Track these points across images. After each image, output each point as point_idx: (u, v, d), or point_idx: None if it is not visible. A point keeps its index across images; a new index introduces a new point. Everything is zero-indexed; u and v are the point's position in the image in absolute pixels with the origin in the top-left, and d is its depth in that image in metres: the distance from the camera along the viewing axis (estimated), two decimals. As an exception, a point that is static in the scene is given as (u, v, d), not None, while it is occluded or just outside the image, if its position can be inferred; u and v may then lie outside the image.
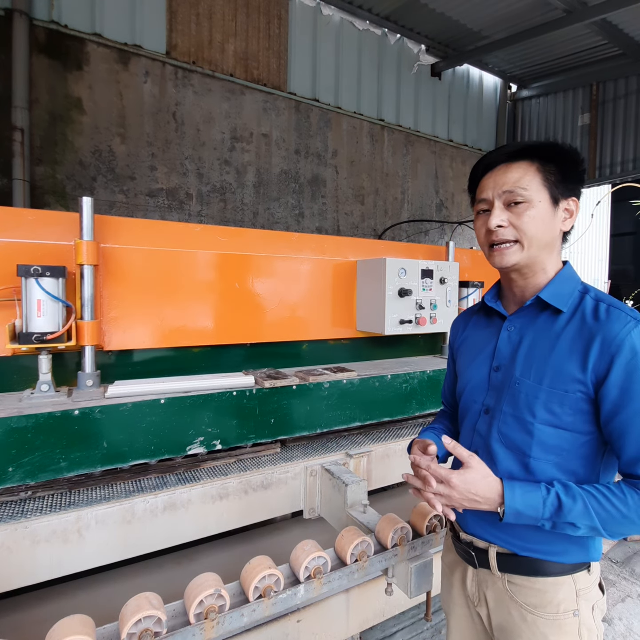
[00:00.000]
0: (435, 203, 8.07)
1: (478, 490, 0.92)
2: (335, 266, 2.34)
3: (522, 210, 0.95)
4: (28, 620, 1.50)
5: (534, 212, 0.95)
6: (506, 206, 0.97)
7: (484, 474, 0.93)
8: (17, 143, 4.44)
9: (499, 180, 0.97)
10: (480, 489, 0.92)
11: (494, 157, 1.00)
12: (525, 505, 0.89)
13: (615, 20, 6.60)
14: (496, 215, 0.97)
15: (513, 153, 0.98)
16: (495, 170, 0.99)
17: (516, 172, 0.96)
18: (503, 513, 0.91)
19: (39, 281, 1.53)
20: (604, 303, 0.96)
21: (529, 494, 0.90)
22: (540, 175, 0.95)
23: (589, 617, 1.00)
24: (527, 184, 0.95)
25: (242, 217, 6.03)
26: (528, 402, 0.97)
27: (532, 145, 0.97)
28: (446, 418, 1.32)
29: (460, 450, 0.94)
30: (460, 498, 0.92)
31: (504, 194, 0.97)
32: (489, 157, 1.01)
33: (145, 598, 1.03)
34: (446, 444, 0.95)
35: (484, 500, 0.92)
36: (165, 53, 5.33)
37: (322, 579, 1.25)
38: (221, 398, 1.70)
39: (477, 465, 0.93)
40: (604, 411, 0.91)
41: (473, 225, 1.08)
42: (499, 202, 0.97)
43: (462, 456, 0.94)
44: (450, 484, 0.92)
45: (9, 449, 1.36)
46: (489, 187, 0.99)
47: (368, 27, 6.93)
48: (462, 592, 1.15)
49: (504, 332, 1.06)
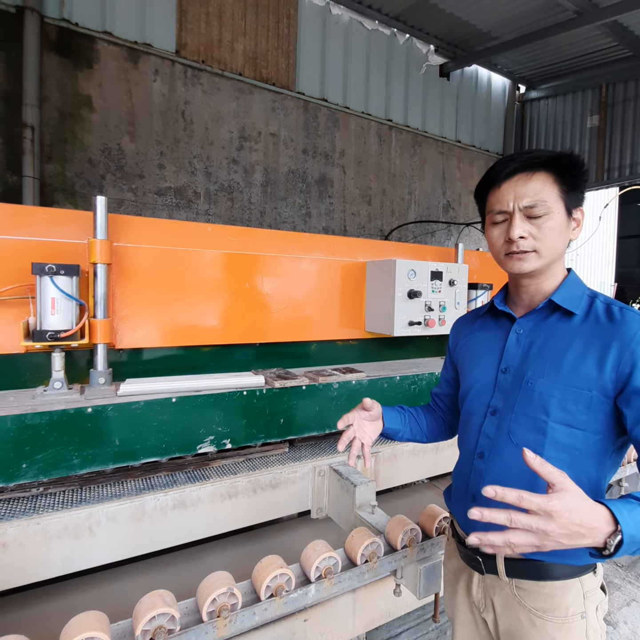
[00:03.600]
0: (442, 204, 8.05)
1: (584, 518, 0.69)
2: (344, 267, 2.35)
3: (543, 222, 0.95)
4: (40, 616, 1.51)
5: (553, 224, 0.95)
6: (526, 217, 0.96)
7: (583, 497, 0.71)
8: (27, 140, 4.46)
9: (520, 191, 0.96)
10: (587, 516, 0.69)
11: (513, 166, 0.97)
12: (637, 526, 0.71)
13: (626, 22, 6.55)
14: (518, 225, 0.96)
15: (535, 164, 0.95)
16: (513, 179, 0.97)
17: (537, 183, 0.95)
18: (616, 545, 0.70)
19: (53, 279, 1.54)
20: (616, 305, 0.98)
21: (634, 512, 0.72)
22: (557, 187, 0.96)
23: (594, 618, 1.01)
24: (547, 196, 0.95)
25: (250, 217, 6.04)
26: (542, 400, 0.97)
27: (553, 157, 0.96)
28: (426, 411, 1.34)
29: (549, 468, 0.71)
30: (561, 533, 0.68)
31: (525, 206, 0.95)
32: (510, 166, 0.97)
33: (159, 595, 1.04)
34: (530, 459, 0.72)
35: (589, 532, 0.70)
36: (174, 52, 5.35)
37: (333, 579, 1.25)
38: (232, 397, 1.71)
39: (574, 486, 0.71)
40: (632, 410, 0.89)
41: (486, 234, 1.06)
42: (520, 213, 0.96)
43: (552, 475, 0.71)
44: (552, 514, 0.68)
45: (23, 446, 1.38)
46: (509, 197, 0.97)
47: (377, 27, 6.92)
48: (466, 598, 1.15)
49: (513, 334, 1.06)
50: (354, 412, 1.19)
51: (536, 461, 0.72)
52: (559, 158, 0.96)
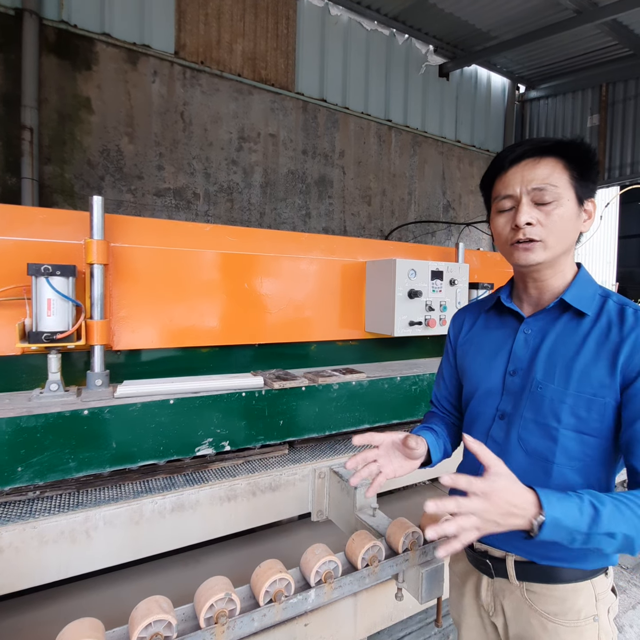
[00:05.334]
0: (442, 204, 8.04)
1: (515, 498, 0.75)
2: (344, 267, 2.33)
3: (552, 208, 0.90)
4: (35, 621, 1.49)
5: (562, 211, 0.90)
6: (534, 203, 0.91)
7: (515, 480, 0.78)
8: (26, 142, 4.46)
9: (527, 176, 0.91)
10: (518, 496, 0.75)
11: (521, 150, 0.93)
12: (564, 513, 0.75)
13: (626, 20, 6.55)
14: (525, 211, 0.91)
15: (544, 148, 0.91)
16: (521, 164, 0.93)
17: (546, 168, 0.90)
18: (539, 526, 0.75)
19: (49, 280, 1.53)
20: (631, 307, 0.93)
21: (564, 501, 0.76)
22: (567, 173, 0.91)
23: (605, 621, 0.99)
24: (557, 181, 0.90)
25: (249, 217, 6.03)
26: (553, 407, 0.93)
27: (562, 142, 0.92)
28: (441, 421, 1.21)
29: (487, 451, 0.79)
30: (497, 512, 0.74)
31: (534, 190, 0.90)
32: (517, 151, 0.93)
33: (155, 602, 1.02)
34: (470, 443, 0.80)
35: (520, 511, 0.75)
36: (173, 53, 5.35)
37: (333, 583, 1.23)
38: (230, 399, 1.69)
39: (507, 470, 0.79)
40: (628, 412, 0.88)
41: (491, 226, 1.01)
42: (527, 199, 0.91)
43: (488, 459, 0.79)
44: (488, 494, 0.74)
45: (18, 449, 1.36)
46: (515, 182, 0.92)
47: (376, 28, 6.92)
48: (474, 601, 1.12)
49: (521, 334, 1.02)
50: (389, 435, 1.01)
51: (474, 444, 0.80)
52: (569, 144, 0.92)
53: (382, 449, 1.00)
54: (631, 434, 0.87)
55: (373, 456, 0.99)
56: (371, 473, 0.99)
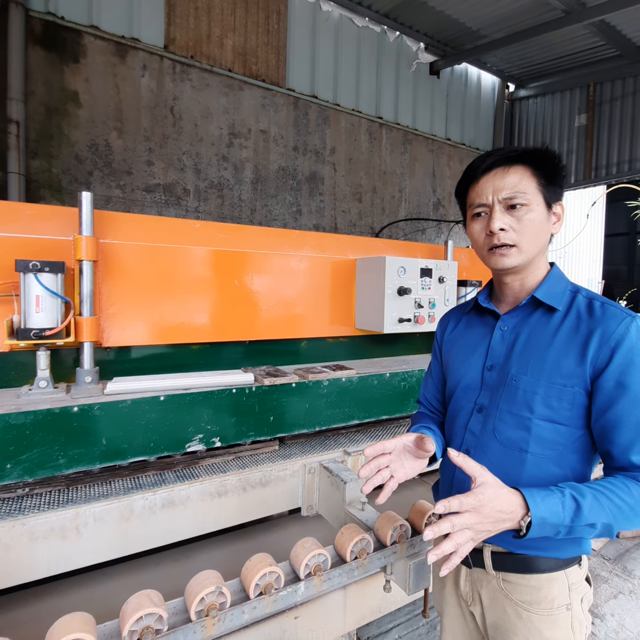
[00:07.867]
0: (433, 202, 8.08)
1: (503, 505, 0.80)
2: (334, 264, 2.34)
3: (522, 214, 0.96)
4: (26, 618, 1.49)
5: (533, 216, 0.96)
6: (506, 209, 0.97)
7: (501, 485, 0.82)
8: (12, 136, 4.39)
9: (498, 184, 0.97)
10: (505, 503, 0.80)
11: (491, 160, 0.99)
12: (549, 511, 0.80)
13: (613, 21, 6.62)
14: (498, 218, 0.97)
15: (512, 157, 0.97)
16: (491, 173, 0.99)
17: (514, 176, 0.97)
18: (527, 526, 0.80)
19: (37, 276, 1.52)
20: (598, 300, 0.99)
21: (548, 498, 0.81)
22: (535, 180, 0.97)
23: (579, 610, 1.02)
24: (525, 187, 0.96)
25: (240, 214, 6.00)
26: (526, 398, 0.98)
27: (528, 150, 0.98)
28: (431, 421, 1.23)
29: (471, 463, 0.83)
30: (488, 522, 0.79)
31: (504, 198, 0.97)
32: (487, 161, 0.99)
33: (146, 595, 1.03)
34: (454, 457, 0.83)
35: (508, 516, 0.80)
36: (163, 47, 5.29)
37: (323, 576, 1.25)
38: (221, 395, 1.70)
39: (492, 477, 0.82)
40: (599, 402, 0.92)
41: (468, 232, 1.07)
42: (499, 206, 0.97)
43: (473, 470, 0.82)
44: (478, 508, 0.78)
45: (7, 446, 1.35)
46: (487, 190, 0.99)
47: (367, 24, 6.91)
48: (454, 591, 1.16)
49: (497, 331, 1.07)
50: (400, 439, 1.02)
51: (459, 458, 0.83)
52: (534, 152, 0.98)
53: (394, 454, 1.01)
54: (604, 422, 0.92)
55: (386, 462, 0.99)
56: (384, 479, 0.99)
